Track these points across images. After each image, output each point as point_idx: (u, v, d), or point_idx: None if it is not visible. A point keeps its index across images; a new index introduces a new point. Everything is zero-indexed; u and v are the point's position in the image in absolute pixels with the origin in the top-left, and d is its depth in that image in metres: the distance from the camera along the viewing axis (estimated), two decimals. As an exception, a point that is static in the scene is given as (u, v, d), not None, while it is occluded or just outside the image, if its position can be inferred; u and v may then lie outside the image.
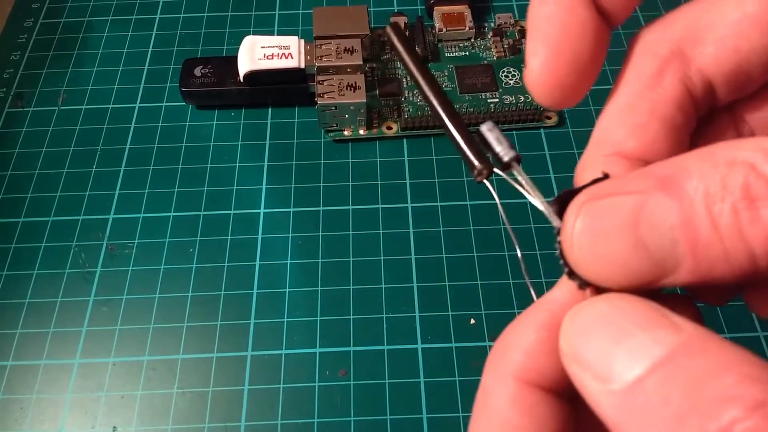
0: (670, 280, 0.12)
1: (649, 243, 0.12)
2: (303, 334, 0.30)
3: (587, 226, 0.12)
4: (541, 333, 0.14)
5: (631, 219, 0.12)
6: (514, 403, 0.13)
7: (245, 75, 0.35)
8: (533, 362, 0.13)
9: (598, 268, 0.12)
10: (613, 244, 0.12)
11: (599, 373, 0.11)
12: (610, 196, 0.12)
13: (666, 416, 0.10)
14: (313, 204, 0.34)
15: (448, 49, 0.39)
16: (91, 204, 0.34)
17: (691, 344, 0.11)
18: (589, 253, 0.13)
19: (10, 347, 0.29)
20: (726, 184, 0.11)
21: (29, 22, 0.42)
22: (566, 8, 0.14)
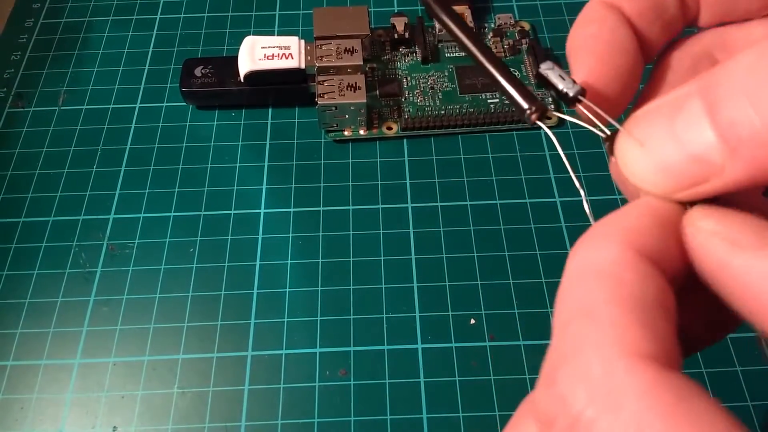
0: (718, 181, 0.12)
1: (686, 137, 0.12)
2: (303, 334, 0.30)
3: (628, 132, 0.13)
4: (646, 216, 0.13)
5: (669, 117, 0.12)
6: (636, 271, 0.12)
7: (245, 75, 0.35)
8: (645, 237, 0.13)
9: (645, 175, 0.13)
10: (653, 145, 0.13)
11: (752, 242, 0.12)
12: (654, 109, 0.13)
13: None
14: (313, 204, 0.34)
15: (448, 50, 0.39)
16: (91, 204, 0.34)
17: None
18: (631, 158, 0.13)
19: (11, 347, 0.30)
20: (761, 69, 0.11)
21: (30, 22, 0.42)
22: (610, 29, 0.15)
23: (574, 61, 0.15)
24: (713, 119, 0.12)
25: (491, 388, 0.28)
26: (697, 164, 0.12)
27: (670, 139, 0.12)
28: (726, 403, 0.12)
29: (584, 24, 0.15)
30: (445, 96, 0.37)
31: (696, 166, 0.12)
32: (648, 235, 0.13)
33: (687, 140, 0.12)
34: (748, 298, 0.12)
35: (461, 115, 0.35)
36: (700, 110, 0.12)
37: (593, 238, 0.13)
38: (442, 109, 0.36)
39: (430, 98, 0.36)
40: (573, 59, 0.15)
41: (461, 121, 0.35)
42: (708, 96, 0.12)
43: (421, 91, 0.37)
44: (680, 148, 0.12)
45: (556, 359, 0.12)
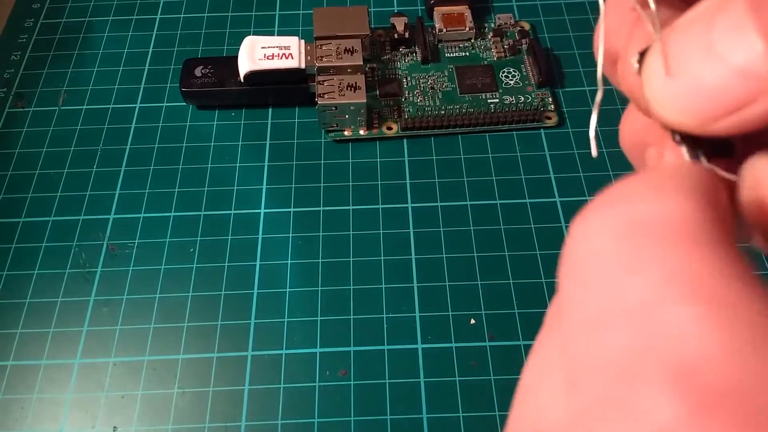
0: (765, 103, 0.10)
1: (724, 50, 0.10)
2: (303, 334, 0.30)
3: (659, 54, 0.11)
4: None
5: (705, 29, 0.10)
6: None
7: (245, 75, 0.35)
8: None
9: (676, 100, 0.11)
10: (687, 63, 0.11)
11: None
12: (690, 20, 0.11)
13: None
14: (313, 204, 0.34)
15: (448, 50, 0.39)
16: (91, 204, 0.34)
17: None
18: (662, 84, 0.11)
19: (11, 347, 0.30)
20: None
21: (30, 23, 0.42)
22: None
23: None
24: (760, 22, 0.10)
25: (491, 388, 0.28)
26: (741, 80, 0.10)
27: (707, 53, 0.10)
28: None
29: None
30: (445, 96, 0.37)
31: (739, 82, 0.10)
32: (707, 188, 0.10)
33: (728, 51, 0.10)
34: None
35: (461, 115, 0.35)
36: (743, 13, 0.10)
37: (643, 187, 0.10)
38: (442, 109, 0.36)
39: (430, 98, 0.36)
40: None
41: (461, 121, 0.35)
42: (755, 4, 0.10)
43: (421, 91, 0.37)
44: (719, 63, 0.10)
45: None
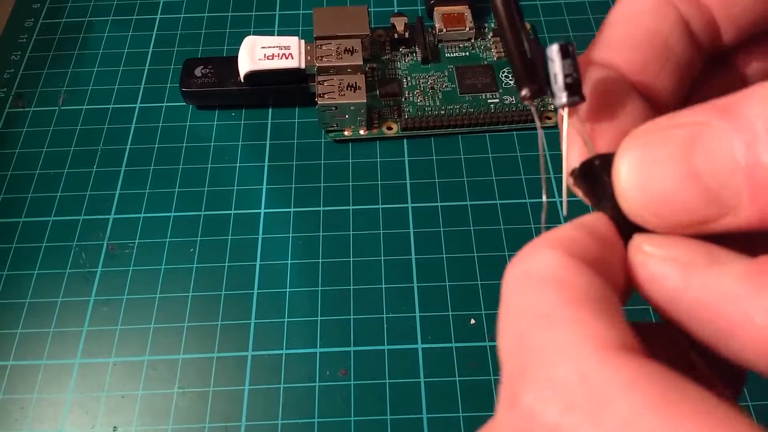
0: (730, 220, 0.11)
1: (704, 172, 0.11)
2: (303, 334, 0.30)
3: (637, 157, 0.12)
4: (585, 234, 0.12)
5: (686, 147, 0.11)
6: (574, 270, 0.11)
7: (245, 75, 0.35)
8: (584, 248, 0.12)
9: (646, 203, 0.11)
10: (665, 175, 0.11)
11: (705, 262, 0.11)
12: (664, 129, 0.11)
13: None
14: (313, 204, 0.34)
15: (448, 50, 0.39)
16: (91, 204, 0.34)
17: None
18: (637, 187, 0.12)
19: (11, 347, 0.30)
20: None
21: (30, 23, 0.42)
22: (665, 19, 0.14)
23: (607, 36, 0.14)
24: (742, 158, 0.10)
25: (491, 388, 0.28)
26: (712, 203, 0.11)
27: (687, 170, 0.11)
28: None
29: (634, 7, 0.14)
30: (445, 96, 0.37)
31: (711, 204, 0.11)
32: (586, 247, 0.12)
33: (706, 175, 0.11)
34: (711, 321, 0.11)
35: (461, 115, 0.35)
36: (727, 144, 0.10)
37: (532, 249, 0.12)
38: (442, 109, 0.36)
39: (430, 98, 0.36)
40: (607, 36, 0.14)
41: (461, 121, 0.35)
42: (738, 127, 0.10)
43: (421, 91, 0.37)
44: (697, 183, 0.11)
45: (515, 376, 0.11)
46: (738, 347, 0.11)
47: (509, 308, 0.12)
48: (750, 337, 0.10)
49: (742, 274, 0.10)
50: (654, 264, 0.11)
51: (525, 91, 0.13)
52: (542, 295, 0.11)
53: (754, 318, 0.10)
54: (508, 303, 0.12)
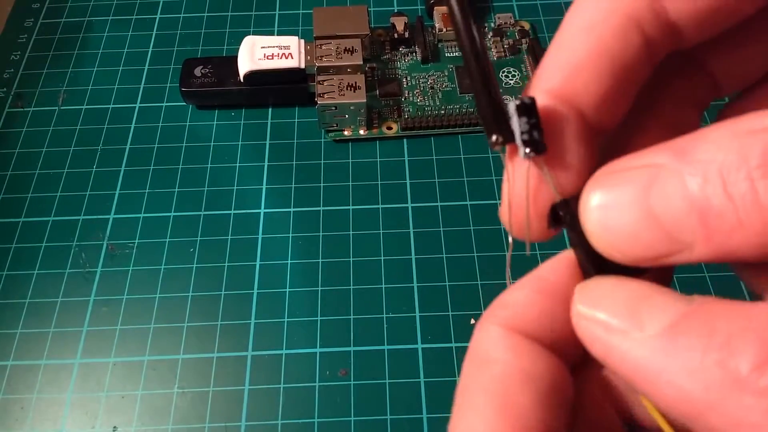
0: (686, 256, 0.12)
1: (661, 213, 0.11)
2: (303, 334, 0.30)
3: (600, 199, 0.12)
4: (536, 295, 0.13)
5: (643, 189, 0.12)
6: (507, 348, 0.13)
7: (245, 75, 0.35)
8: (530, 316, 0.13)
9: (610, 241, 0.12)
10: (625, 216, 0.12)
11: (626, 326, 0.11)
12: (624, 171, 0.12)
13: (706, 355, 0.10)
14: (313, 204, 0.34)
15: (448, 50, 0.39)
16: (91, 204, 0.34)
17: (707, 302, 0.11)
18: (601, 226, 0.12)
19: (11, 347, 0.30)
20: (743, 153, 0.10)
21: (29, 22, 0.42)
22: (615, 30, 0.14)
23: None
24: (695, 200, 0.11)
25: (491, 388, 0.28)
26: (669, 240, 0.11)
27: (644, 211, 0.12)
28: None
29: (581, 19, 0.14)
30: (445, 96, 0.37)
31: (668, 241, 0.12)
32: (530, 310, 0.13)
33: (662, 215, 0.11)
34: (635, 384, 0.11)
35: (461, 115, 0.35)
36: (681, 187, 0.11)
37: (483, 319, 0.13)
38: (442, 108, 0.36)
39: (430, 98, 0.36)
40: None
41: (461, 120, 0.35)
42: (692, 171, 0.11)
43: (420, 91, 0.37)
44: (654, 223, 0.12)
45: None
46: (664, 408, 0.11)
47: (462, 375, 0.13)
48: (666, 403, 0.11)
49: (655, 340, 0.11)
50: (584, 324, 0.12)
51: (494, 137, 0.14)
52: (469, 372, 0.13)
53: (667, 390, 0.11)
54: (462, 369, 0.13)
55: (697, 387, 0.10)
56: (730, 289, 0.30)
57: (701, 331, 0.10)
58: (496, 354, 0.13)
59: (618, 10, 0.13)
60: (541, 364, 0.13)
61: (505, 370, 0.12)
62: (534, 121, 0.13)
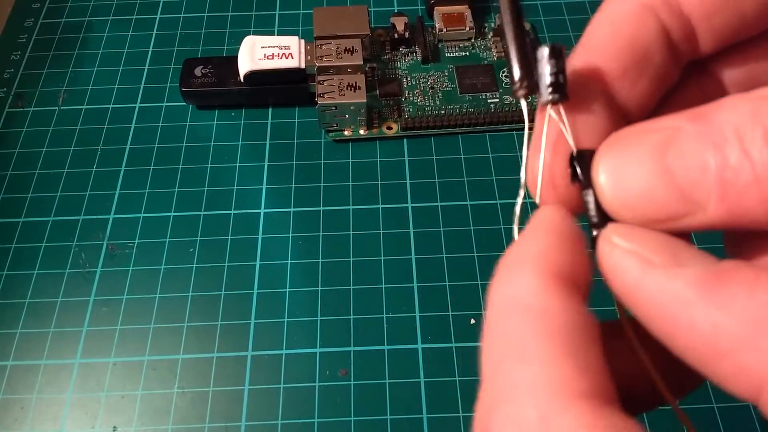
0: (699, 217, 0.12)
1: (677, 170, 0.11)
2: (303, 334, 0.30)
3: (616, 156, 0.12)
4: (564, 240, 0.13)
5: (660, 147, 0.12)
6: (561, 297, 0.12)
7: (245, 75, 0.35)
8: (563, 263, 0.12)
9: (623, 198, 0.12)
10: (640, 172, 0.12)
11: (667, 262, 0.11)
12: (641, 132, 0.12)
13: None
14: (313, 204, 0.34)
15: (448, 50, 0.39)
16: (91, 204, 0.34)
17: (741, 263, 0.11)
18: (616, 182, 0.12)
19: (11, 347, 0.30)
20: (758, 113, 0.11)
21: (29, 22, 0.42)
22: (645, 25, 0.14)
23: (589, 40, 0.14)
24: (712, 158, 0.11)
25: (491, 388, 0.28)
26: (683, 200, 0.12)
27: (661, 168, 0.12)
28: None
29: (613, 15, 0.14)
30: (445, 96, 0.37)
31: (681, 201, 0.12)
32: (559, 256, 0.12)
33: (678, 173, 0.12)
34: (660, 319, 0.11)
35: (461, 115, 0.35)
36: (699, 146, 0.11)
37: (509, 269, 0.13)
38: (442, 108, 0.36)
39: (430, 98, 0.36)
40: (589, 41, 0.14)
41: (461, 121, 0.35)
42: (710, 131, 0.11)
43: (421, 91, 0.37)
44: (670, 181, 0.12)
45: (489, 403, 0.11)
46: (680, 349, 0.11)
47: (491, 333, 0.12)
48: (689, 341, 0.11)
49: (696, 279, 0.11)
50: (618, 255, 0.12)
51: (519, 84, 0.14)
52: (519, 325, 0.12)
53: (696, 324, 0.11)
54: (489, 327, 0.12)
55: (740, 322, 0.10)
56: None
57: (745, 275, 0.11)
58: (553, 304, 0.11)
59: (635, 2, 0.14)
60: (578, 313, 0.12)
61: (572, 321, 0.11)
62: (561, 66, 0.13)
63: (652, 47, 0.14)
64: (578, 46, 0.15)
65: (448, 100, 0.36)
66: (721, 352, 0.10)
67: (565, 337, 0.11)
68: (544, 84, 0.13)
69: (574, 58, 0.14)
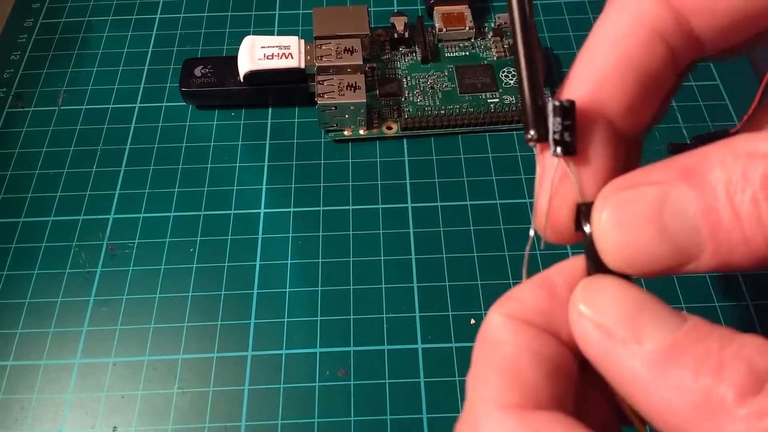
0: (693, 266, 0.12)
1: (673, 229, 0.12)
2: (303, 334, 0.30)
3: (613, 215, 0.13)
4: (541, 291, 0.14)
5: (656, 207, 0.12)
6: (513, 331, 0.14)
7: (245, 75, 0.35)
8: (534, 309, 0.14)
9: (624, 255, 0.13)
10: (638, 231, 0.13)
11: (626, 336, 0.12)
12: (634, 187, 0.13)
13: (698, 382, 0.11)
14: (313, 204, 0.34)
15: (448, 49, 0.39)
16: (91, 204, 0.34)
17: (700, 325, 0.12)
18: (615, 241, 0.13)
19: (11, 347, 0.30)
20: (747, 176, 0.11)
21: (29, 22, 0.42)
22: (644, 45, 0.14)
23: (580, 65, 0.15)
24: (705, 221, 0.12)
25: (491, 388, 0.28)
26: (678, 254, 0.12)
27: (658, 228, 0.12)
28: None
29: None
30: (445, 96, 0.37)
31: (676, 255, 0.12)
32: (531, 305, 0.14)
33: (674, 232, 0.12)
34: (623, 386, 0.12)
35: (461, 115, 0.35)
36: (693, 207, 0.12)
37: (489, 311, 0.14)
38: (442, 108, 0.36)
39: (430, 98, 0.36)
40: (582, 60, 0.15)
41: (461, 121, 0.35)
42: (702, 192, 0.12)
43: (420, 91, 0.37)
44: (667, 239, 0.12)
45: (466, 421, 0.14)
46: (643, 412, 0.12)
47: (472, 361, 0.14)
48: (648, 410, 0.12)
49: (652, 360, 0.12)
50: (584, 325, 0.13)
51: (532, 133, 0.14)
52: (478, 354, 0.14)
53: (652, 399, 0.12)
54: (473, 356, 0.14)
55: (686, 405, 0.11)
56: (730, 292, 0.30)
57: (695, 354, 0.11)
58: (503, 336, 0.14)
59: (644, 24, 0.14)
60: (545, 344, 0.13)
61: (513, 348, 0.13)
62: (569, 123, 0.14)
63: (661, 78, 0.14)
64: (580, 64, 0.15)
65: (448, 100, 0.36)
66: (673, 426, 0.11)
67: (504, 361, 0.13)
68: (552, 138, 0.14)
69: (579, 87, 0.14)
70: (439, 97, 0.36)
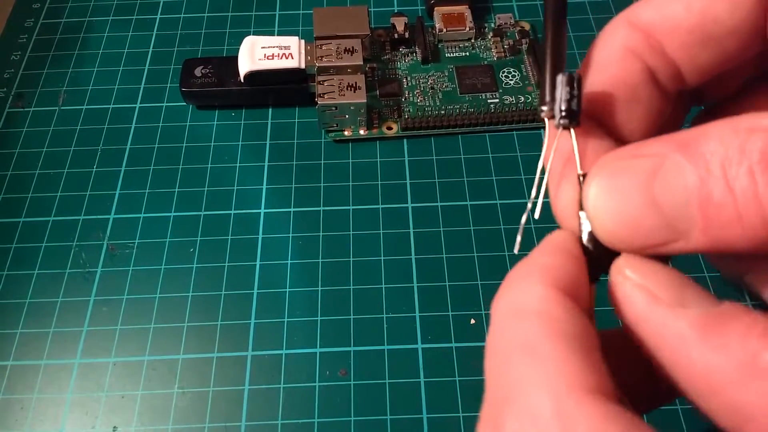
0: (682, 244, 0.12)
1: (663, 202, 0.12)
2: (303, 334, 0.30)
3: (605, 182, 0.13)
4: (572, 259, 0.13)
5: (647, 178, 0.12)
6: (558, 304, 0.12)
7: (245, 75, 0.35)
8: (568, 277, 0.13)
9: (612, 226, 0.13)
10: (627, 200, 0.12)
11: (671, 300, 0.12)
12: (631, 158, 0.13)
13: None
14: (313, 204, 0.34)
15: (448, 50, 0.39)
16: (91, 204, 0.34)
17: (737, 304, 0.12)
18: (604, 211, 0.13)
19: (11, 347, 0.30)
20: (744, 148, 0.11)
21: (30, 22, 0.42)
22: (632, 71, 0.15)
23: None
24: (697, 192, 0.11)
25: (491, 388, 0.28)
26: (667, 228, 0.12)
27: (647, 199, 0.12)
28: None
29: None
30: (445, 96, 0.37)
31: (666, 229, 0.12)
32: (565, 274, 0.13)
33: (664, 204, 0.12)
34: (662, 350, 0.12)
35: (461, 115, 0.35)
36: (685, 178, 0.12)
37: (517, 279, 0.13)
38: (442, 109, 0.36)
39: (430, 98, 0.36)
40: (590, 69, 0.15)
41: (461, 121, 0.35)
42: (695, 163, 0.11)
43: (421, 91, 0.37)
44: (655, 211, 0.12)
45: (499, 401, 0.12)
46: (677, 378, 0.12)
47: (498, 335, 0.13)
48: (686, 374, 0.12)
49: (697, 322, 0.11)
50: (629, 287, 0.13)
51: (545, 107, 0.15)
52: (529, 327, 0.12)
53: (693, 361, 0.11)
54: (497, 330, 0.13)
55: (731, 365, 0.11)
56: (730, 292, 0.30)
57: (742, 321, 0.11)
58: (557, 313, 0.12)
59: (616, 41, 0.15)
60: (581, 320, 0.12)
61: (575, 327, 0.12)
62: (576, 93, 0.14)
63: (638, 88, 0.14)
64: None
65: (448, 101, 0.36)
66: (713, 388, 0.11)
67: (571, 340, 0.12)
68: (558, 108, 0.14)
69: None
70: (440, 98, 0.36)
